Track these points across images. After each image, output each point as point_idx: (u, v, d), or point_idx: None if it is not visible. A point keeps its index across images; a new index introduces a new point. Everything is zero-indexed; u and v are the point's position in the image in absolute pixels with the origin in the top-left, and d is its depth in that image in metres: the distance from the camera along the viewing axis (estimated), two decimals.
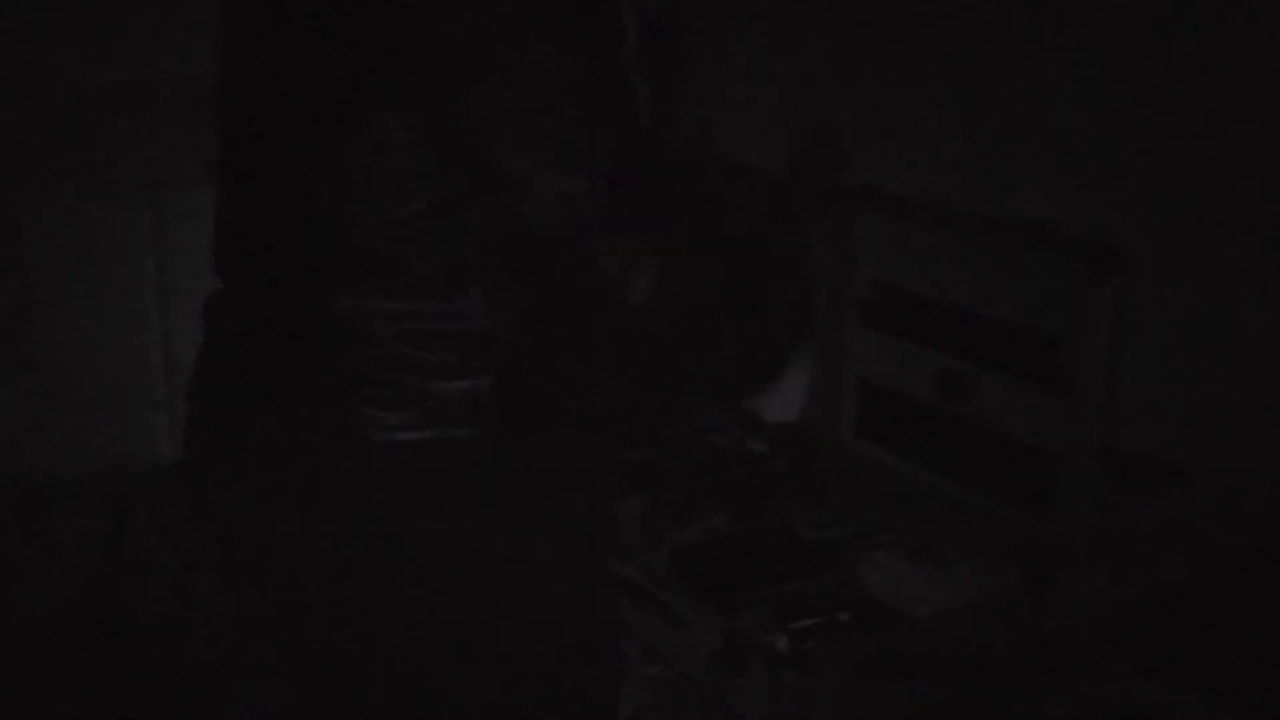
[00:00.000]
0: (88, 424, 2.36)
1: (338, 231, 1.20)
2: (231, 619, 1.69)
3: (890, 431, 1.98)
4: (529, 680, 1.31)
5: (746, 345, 1.37)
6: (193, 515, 1.42)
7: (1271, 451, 1.81)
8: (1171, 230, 1.87)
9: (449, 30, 1.14)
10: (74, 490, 2.34)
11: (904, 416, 1.95)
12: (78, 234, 2.38)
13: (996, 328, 1.80)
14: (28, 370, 2.40)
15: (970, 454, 1.85)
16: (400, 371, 1.21)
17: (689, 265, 1.25)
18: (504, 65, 1.14)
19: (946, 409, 1.87)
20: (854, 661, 1.53)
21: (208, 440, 1.35)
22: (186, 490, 1.41)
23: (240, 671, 1.46)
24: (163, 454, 2.34)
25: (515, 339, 1.23)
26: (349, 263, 1.20)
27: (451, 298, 1.21)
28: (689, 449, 2.01)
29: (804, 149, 1.74)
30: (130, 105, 2.35)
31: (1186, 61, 1.84)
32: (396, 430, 1.21)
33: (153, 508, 2.24)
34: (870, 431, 2.01)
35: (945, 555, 1.73)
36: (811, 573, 1.74)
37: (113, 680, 2.10)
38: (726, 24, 2.36)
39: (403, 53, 1.15)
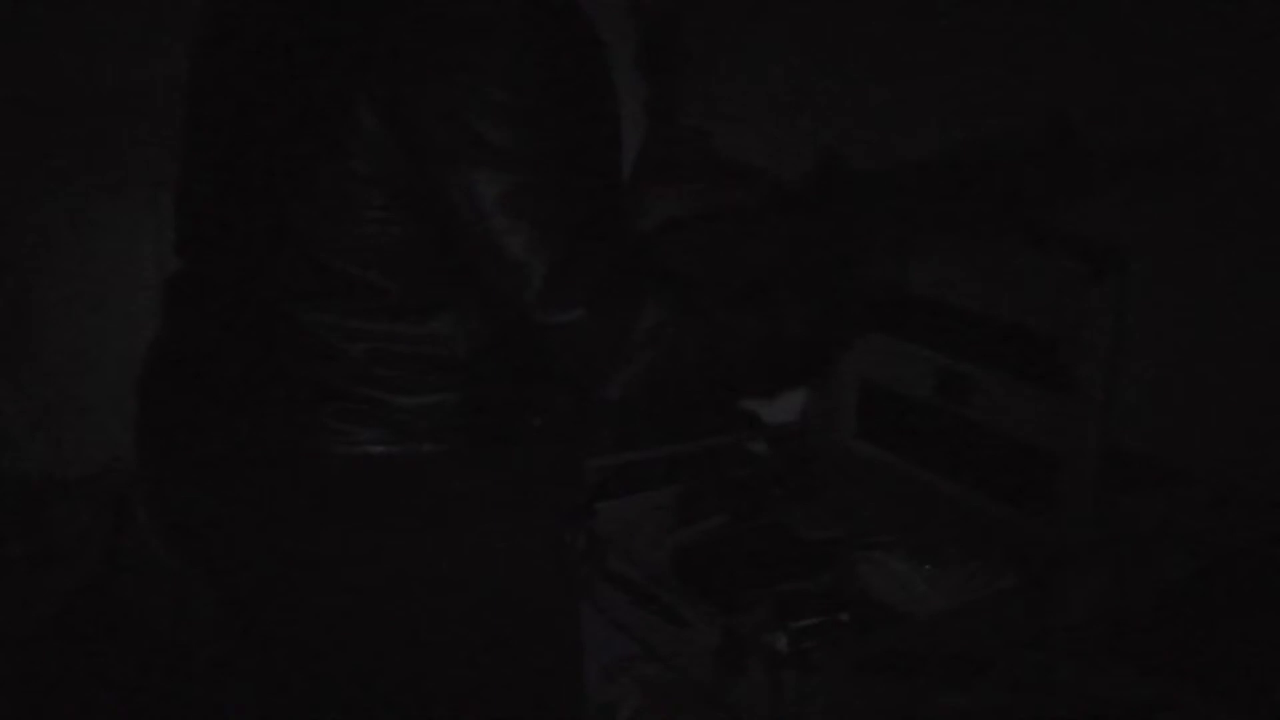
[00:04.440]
0: (88, 424, 2.36)
1: (306, 248, 1.20)
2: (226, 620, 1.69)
3: (890, 431, 1.98)
4: (491, 682, 1.32)
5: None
6: (151, 518, 1.42)
7: (1271, 451, 1.81)
8: (1171, 230, 1.87)
9: (415, 23, 1.14)
10: (74, 490, 2.34)
11: (904, 416, 1.95)
12: (78, 234, 2.37)
13: (996, 328, 1.80)
14: (28, 370, 2.40)
15: (970, 454, 1.85)
16: (368, 386, 1.21)
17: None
18: (460, 63, 1.14)
19: (946, 409, 1.87)
20: (854, 661, 1.53)
21: (164, 442, 1.34)
22: (145, 493, 1.41)
23: (237, 671, 1.47)
24: None
25: (481, 361, 1.23)
26: (319, 280, 1.20)
27: (423, 323, 1.21)
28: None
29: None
30: (130, 105, 2.35)
31: (1186, 61, 1.84)
32: (362, 444, 1.22)
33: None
34: (870, 431, 2.01)
35: (945, 555, 1.72)
36: (811, 573, 1.74)
37: (113, 680, 2.10)
38: (727, 24, 2.36)
39: (371, 44, 1.16)
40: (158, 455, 1.35)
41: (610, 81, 1.25)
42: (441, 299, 1.21)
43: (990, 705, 1.50)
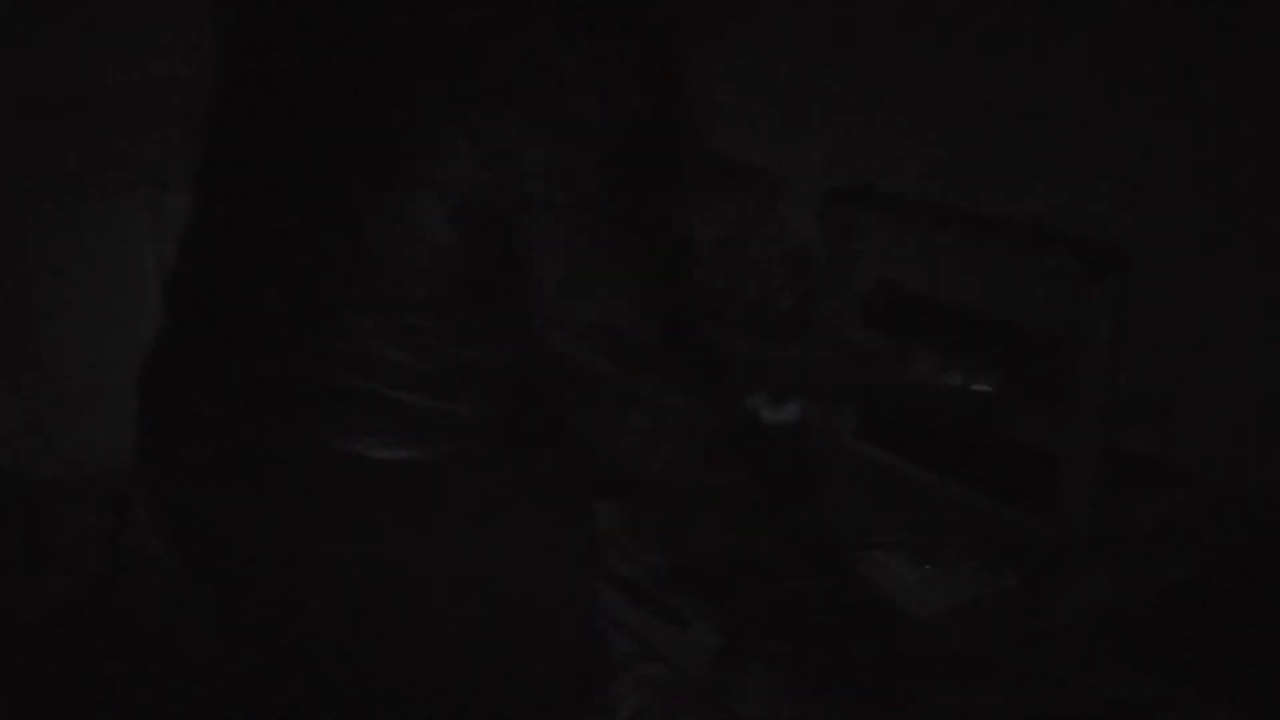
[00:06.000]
0: (88, 424, 2.36)
1: (360, 266, 1.18)
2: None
3: (890, 431, 1.98)
4: (496, 687, 1.31)
5: None
6: (147, 514, 1.41)
7: (1271, 451, 1.81)
8: (1171, 230, 1.87)
9: (526, 65, 1.12)
10: (74, 490, 2.34)
11: (904, 416, 1.95)
12: (78, 234, 2.38)
13: (996, 328, 1.80)
14: (28, 370, 2.40)
15: (970, 454, 1.85)
16: (385, 385, 1.19)
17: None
18: (569, 114, 1.12)
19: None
20: (854, 661, 1.53)
21: (167, 439, 1.33)
22: (141, 488, 1.39)
23: (238, 672, 1.47)
24: None
25: (506, 376, 1.22)
26: (358, 293, 1.19)
27: (454, 340, 1.20)
28: None
29: None
30: (130, 105, 2.35)
31: (1186, 60, 1.84)
32: (366, 445, 1.20)
33: None
34: (870, 431, 2.01)
35: (945, 555, 1.72)
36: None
37: (113, 680, 2.10)
38: (726, 24, 2.36)
39: (477, 80, 1.13)
40: (158, 455, 1.34)
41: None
42: (482, 328, 1.20)
43: (990, 705, 1.50)
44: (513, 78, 1.13)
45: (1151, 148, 1.90)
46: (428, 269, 1.17)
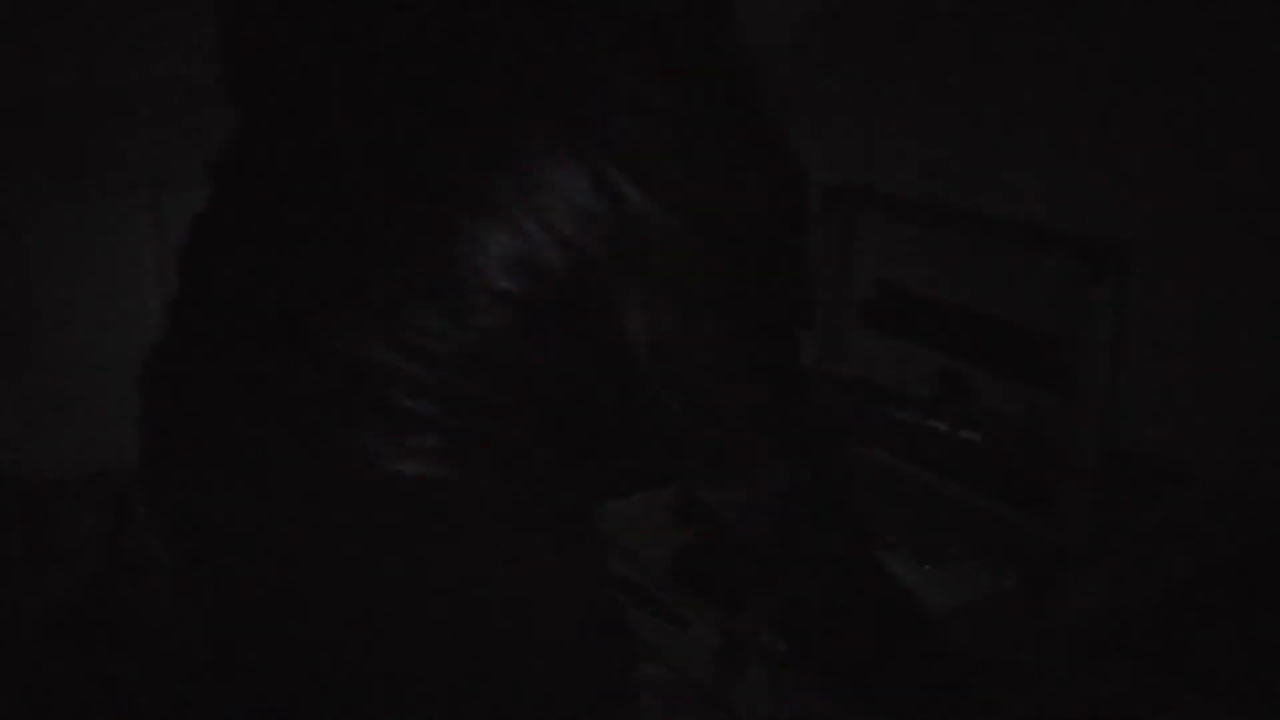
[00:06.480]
0: (88, 424, 2.36)
1: (363, 275, 1.16)
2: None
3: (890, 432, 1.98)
4: (505, 690, 1.30)
5: None
6: (148, 514, 1.40)
7: (1271, 451, 1.81)
8: (1171, 230, 1.87)
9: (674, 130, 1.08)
10: (74, 490, 2.33)
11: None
12: (78, 234, 2.37)
13: (996, 328, 1.80)
14: (28, 370, 2.40)
15: (971, 454, 1.85)
16: (388, 389, 1.18)
17: None
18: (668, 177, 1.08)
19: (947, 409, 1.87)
20: None
21: (168, 440, 1.32)
22: (143, 488, 1.38)
23: (234, 674, 1.46)
24: None
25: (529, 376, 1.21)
26: (367, 297, 1.16)
27: (455, 349, 1.18)
28: None
29: None
30: (130, 105, 2.35)
31: (1186, 60, 1.84)
32: (378, 447, 1.19)
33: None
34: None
35: (945, 555, 1.73)
36: None
37: (113, 680, 2.10)
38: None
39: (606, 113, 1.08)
40: (159, 455, 1.34)
41: None
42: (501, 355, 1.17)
43: (991, 705, 1.50)
44: (623, 126, 1.08)
45: (1151, 147, 1.90)
46: (443, 290, 1.15)
